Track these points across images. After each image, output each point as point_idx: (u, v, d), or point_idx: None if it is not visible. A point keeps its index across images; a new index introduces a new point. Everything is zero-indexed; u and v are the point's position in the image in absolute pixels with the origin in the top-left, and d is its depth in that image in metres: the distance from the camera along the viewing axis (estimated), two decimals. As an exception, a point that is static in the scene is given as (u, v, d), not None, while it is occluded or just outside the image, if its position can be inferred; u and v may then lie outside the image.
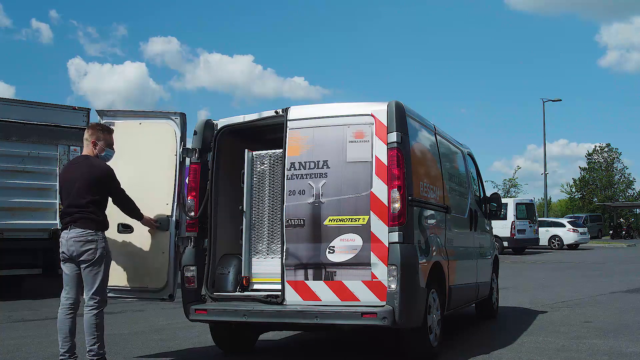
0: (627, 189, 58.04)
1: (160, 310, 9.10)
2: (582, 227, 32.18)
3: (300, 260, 5.20)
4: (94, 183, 5.09)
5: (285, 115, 5.48)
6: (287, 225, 5.24)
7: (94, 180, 5.09)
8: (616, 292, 11.30)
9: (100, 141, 5.30)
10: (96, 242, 5.04)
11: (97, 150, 5.29)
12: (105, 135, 5.34)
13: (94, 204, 5.10)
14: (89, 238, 5.02)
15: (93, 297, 5.06)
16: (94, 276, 5.05)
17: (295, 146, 5.38)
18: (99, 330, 5.12)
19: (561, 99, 44.89)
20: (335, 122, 5.35)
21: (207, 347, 6.23)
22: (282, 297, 5.21)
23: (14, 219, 10.77)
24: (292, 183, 5.31)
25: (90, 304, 5.07)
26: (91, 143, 5.29)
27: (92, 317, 5.08)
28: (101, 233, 5.12)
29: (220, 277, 5.68)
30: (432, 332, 5.47)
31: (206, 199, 5.66)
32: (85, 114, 11.80)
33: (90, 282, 5.06)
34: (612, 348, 5.97)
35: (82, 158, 5.33)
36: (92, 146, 5.29)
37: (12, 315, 8.97)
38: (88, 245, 5.02)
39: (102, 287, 5.10)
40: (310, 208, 5.22)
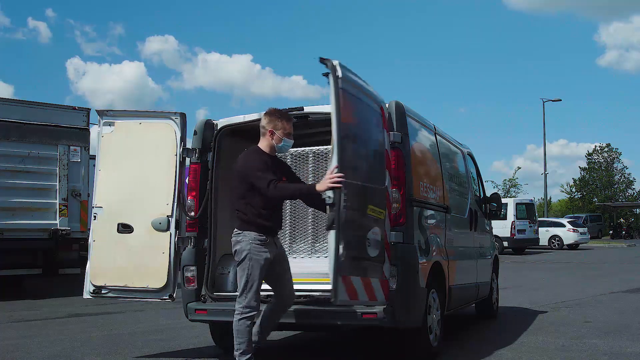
0: (627, 189, 58.07)
1: (160, 310, 9.10)
2: (582, 227, 32.19)
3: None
4: (239, 178, 4.69)
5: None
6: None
7: (239, 174, 4.69)
8: (616, 292, 11.30)
9: (278, 130, 4.77)
10: (241, 242, 4.65)
11: (274, 141, 4.77)
12: (284, 123, 4.79)
13: (242, 200, 4.69)
14: (237, 238, 4.67)
15: (238, 301, 4.63)
16: (239, 279, 4.66)
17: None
18: (241, 337, 4.61)
19: (561, 99, 44.92)
20: None
21: (207, 347, 6.23)
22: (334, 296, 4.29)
23: (14, 219, 10.77)
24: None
25: (236, 307, 4.64)
26: (268, 132, 4.78)
27: (235, 322, 4.64)
28: (249, 233, 4.62)
29: (220, 277, 5.67)
30: (432, 332, 5.47)
31: (206, 199, 5.66)
32: (85, 114, 11.80)
33: (238, 284, 4.68)
34: (612, 348, 5.97)
35: (246, 150, 4.87)
36: (269, 135, 4.77)
37: (12, 315, 8.97)
38: (235, 246, 4.67)
39: (246, 291, 4.59)
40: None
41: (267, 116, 4.80)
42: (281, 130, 4.74)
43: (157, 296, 5.64)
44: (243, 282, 4.58)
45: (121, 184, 5.75)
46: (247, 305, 4.57)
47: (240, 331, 4.58)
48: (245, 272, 4.57)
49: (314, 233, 5.46)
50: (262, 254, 4.60)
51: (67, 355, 5.99)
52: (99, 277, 5.71)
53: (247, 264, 4.57)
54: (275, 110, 4.86)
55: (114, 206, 5.72)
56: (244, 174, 4.65)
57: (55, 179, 11.20)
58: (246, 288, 4.57)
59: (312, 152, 5.52)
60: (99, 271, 5.72)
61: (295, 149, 5.62)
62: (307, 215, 5.49)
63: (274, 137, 4.75)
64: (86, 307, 9.51)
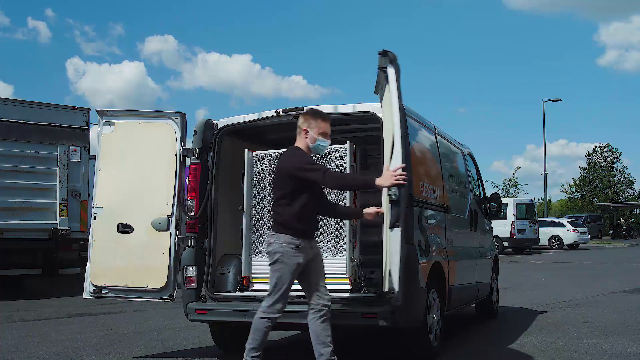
0: (627, 189, 58.01)
1: (160, 310, 9.09)
2: (582, 227, 32.19)
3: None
4: (286, 176, 4.46)
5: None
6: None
7: (285, 173, 4.47)
8: (616, 292, 11.30)
9: (312, 129, 4.55)
10: (274, 244, 4.46)
11: (308, 140, 4.55)
12: (319, 122, 4.56)
13: (282, 200, 4.50)
14: (270, 240, 4.50)
15: (266, 300, 4.48)
16: (270, 279, 4.48)
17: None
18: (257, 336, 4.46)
19: (561, 99, 44.89)
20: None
21: (207, 347, 6.23)
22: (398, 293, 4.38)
23: (14, 219, 10.77)
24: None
25: (262, 305, 4.49)
26: (303, 131, 4.57)
27: (256, 319, 4.48)
28: (283, 236, 4.44)
29: (220, 277, 5.68)
30: (432, 332, 5.47)
31: (206, 199, 5.66)
32: (85, 114, 11.81)
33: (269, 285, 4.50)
34: (612, 348, 5.97)
35: (286, 150, 4.69)
36: (304, 135, 4.57)
37: (12, 315, 8.97)
38: (269, 247, 4.51)
39: (274, 292, 4.42)
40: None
41: (302, 115, 4.65)
42: (315, 129, 4.53)
43: (157, 296, 5.63)
44: (273, 284, 4.45)
45: (121, 184, 5.75)
46: (272, 305, 4.43)
47: (257, 329, 4.46)
48: (275, 275, 4.43)
49: None
50: (294, 258, 4.43)
51: (67, 355, 5.99)
52: (99, 277, 5.71)
53: (279, 266, 4.43)
54: (311, 109, 4.74)
55: (114, 206, 5.71)
56: (291, 170, 4.42)
57: (55, 179, 11.21)
58: (274, 290, 4.43)
59: None
60: (99, 271, 5.72)
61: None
62: None
63: (308, 136, 4.54)
64: (86, 307, 9.51)
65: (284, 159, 4.54)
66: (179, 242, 5.56)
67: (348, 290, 5.17)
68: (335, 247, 5.33)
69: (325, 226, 5.42)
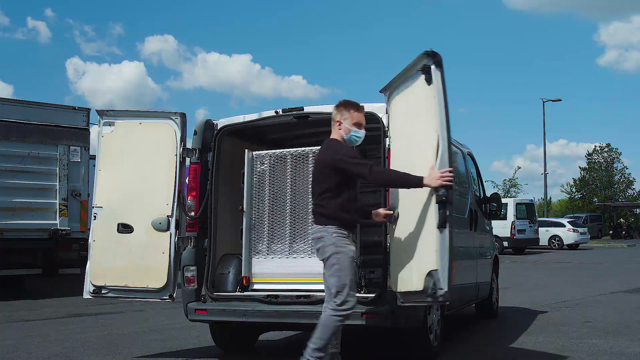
0: (627, 189, 58.01)
1: (160, 310, 9.10)
2: (582, 227, 32.19)
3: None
4: (329, 169, 4.36)
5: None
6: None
7: (328, 166, 4.37)
8: (616, 292, 11.30)
9: (345, 120, 4.48)
10: (324, 238, 4.32)
11: (342, 131, 4.48)
12: (352, 112, 4.48)
13: (326, 194, 4.39)
14: (318, 234, 4.37)
15: (334, 301, 4.26)
16: (328, 277, 4.32)
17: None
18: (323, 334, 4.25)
19: (561, 99, 44.88)
20: None
21: (207, 347, 6.23)
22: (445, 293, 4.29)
23: (14, 219, 10.78)
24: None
25: (329, 307, 4.29)
26: (336, 123, 4.50)
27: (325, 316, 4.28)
28: (331, 227, 4.32)
29: (220, 277, 5.67)
30: (432, 332, 5.47)
31: (206, 199, 5.66)
32: (85, 114, 11.82)
33: (326, 285, 4.35)
34: (612, 348, 5.97)
35: (324, 142, 4.57)
36: (338, 126, 4.49)
37: (12, 315, 8.97)
38: (317, 243, 4.37)
39: (340, 288, 4.23)
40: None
41: (335, 107, 4.56)
42: (349, 119, 4.45)
43: (157, 296, 5.63)
44: (335, 280, 4.24)
45: (121, 184, 5.75)
46: (343, 302, 4.21)
47: (327, 326, 4.23)
48: (334, 269, 4.25)
49: None
50: (348, 246, 4.33)
51: (67, 355, 5.99)
52: (99, 277, 5.71)
53: (336, 259, 4.26)
54: (344, 100, 4.60)
55: (114, 206, 5.71)
56: (334, 163, 4.33)
57: (55, 179, 11.21)
58: (339, 284, 4.22)
59: (312, 152, 5.51)
60: (99, 271, 5.72)
61: (295, 149, 5.62)
62: (307, 215, 5.48)
63: (342, 127, 4.47)
64: (86, 307, 9.51)
65: (326, 151, 4.44)
66: (179, 242, 5.56)
67: None
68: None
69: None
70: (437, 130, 4.19)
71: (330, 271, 4.28)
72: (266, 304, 5.23)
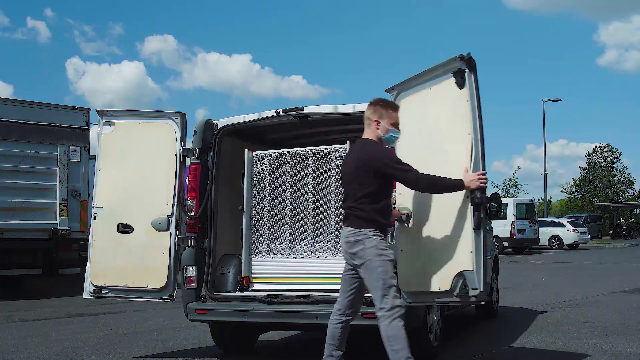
0: (627, 189, 57.97)
1: (160, 310, 9.10)
2: (582, 227, 32.18)
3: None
4: (370, 171, 4.22)
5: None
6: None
7: (370, 168, 4.23)
8: (616, 292, 11.30)
9: (383, 120, 4.37)
10: (363, 242, 4.20)
11: (380, 131, 4.36)
12: (390, 112, 4.40)
13: (364, 197, 4.24)
14: (356, 238, 4.22)
15: (381, 307, 4.14)
16: (371, 281, 4.18)
17: None
18: (397, 343, 4.09)
19: (561, 99, 44.83)
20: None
21: (207, 347, 6.23)
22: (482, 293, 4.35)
23: (14, 219, 10.78)
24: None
25: (379, 314, 4.14)
26: (374, 122, 4.37)
27: (384, 328, 4.12)
28: (369, 230, 4.20)
29: (220, 277, 5.68)
30: (432, 332, 5.47)
31: (206, 199, 5.66)
32: (85, 114, 11.82)
33: (372, 289, 4.22)
34: (612, 348, 5.96)
35: (359, 142, 4.44)
36: (375, 126, 4.37)
37: (12, 315, 8.97)
38: (355, 246, 4.22)
39: (386, 291, 4.12)
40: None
41: (371, 106, 4.42)
42: (387, 119, 4.36)
43: (157, 296, 5.63)
44: (380, 284, 4.11)
45: (121, 184, 5.75)
46: (393, 305, 4.10)
47: (395, 336, 4.08)
48: (376, 272, 4.13)
49: (314, 233, 5.46)
50: (388, 249, 4.26)
51: (67, 355, 5.99)
52: (99, 277, 5.71)
53: (377, 263, 4.14)
54: (380, 99, 4.49)
55: (114, 206, 5.71)
56: (378, 167, 4.21)
57: (55, 179, 11.22)
58: (385, 288, 4.11)
59: (312, 152, 5.52)
60: (99, 271, 5.71)
61: (295, 149, 5.63)
62: (307, 215, 5.49)
63: (380, 127, 4.35)
64: (86, 307, 9.51)
65: (365, 152, 4.29)
66: (179, 242, 5.56)
67: None
68: (335, 247, 5.33)
69: (325, 226, 5.43)
70: (470, 133, 4.24)
71: (374, 275, 4.14)
72: (266, 304, 5.23)
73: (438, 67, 4.51)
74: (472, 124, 4.25)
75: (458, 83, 4.34)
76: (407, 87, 4.81)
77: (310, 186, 5.49)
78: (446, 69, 4.43)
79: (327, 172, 5.46)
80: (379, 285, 4.12)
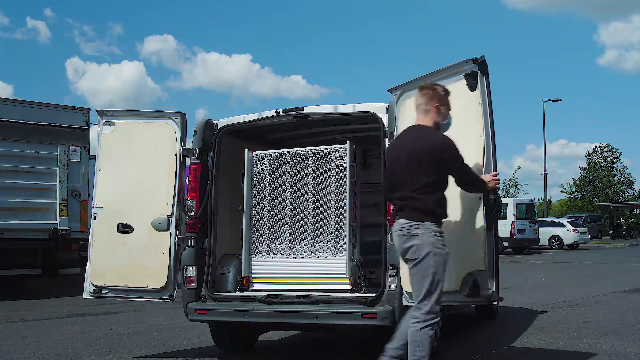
0: (627, 189, 57.97)
1: (160, 310, 9.09)
2: (582, 227, 32.18)
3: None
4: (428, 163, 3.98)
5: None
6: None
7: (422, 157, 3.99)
8: (616, 292, 11.29)
9: (443, 105, 4.16)
10: (421, 236, 3.93)
11: (440, 118, 4.14)
12: (447, 97, 4.20)
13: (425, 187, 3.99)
14: (413, 231, 3.95)
15: (418, 307, 3.94)
16: (418, 279, 3.95)
17: None
18: (421, 349, 3.89)
19: (561, 99, 44.86)
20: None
21: (207, 347, 6.22)
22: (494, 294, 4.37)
23: (14, 219, 10.78)
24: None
25: (414, 315, 3.96)
26: (434, 108, 4.12)
27: (414, 332, 3.92)
28: (428, 224, 3.94)
29: (220, 277, 5.68)
30: (432, 332, 5.45)
31: (206, 199, 5.66)
32: (85, 114, 11.82)
33: (415, 287, 4.01)
34: (612, 348, 5.96)
35: (415, 129, 4.15)
36: (435, 112, 4.13)
37: (12, 315, 8.97)
38: (411, 240, 3.96)
39: (431, 293, 3.90)
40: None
41: (426, 90, 4.17)
42: (446, 105, 4.18)
43: (157, 296, 5.63)
44: (427, 283, 3.89)
45: (121, 184, 5.75)
46: (431, 310, 3.90)
47: (421, 342, 3.87)
48: (429, 271, 3.88)
49: (314, 233, 5.46)
50: (444, 248, 3.97)
51: (67, 355, 5.99)
52: (99, 277, 5.71)
53: (432, 261, 3.88)
54: (432, 83, 4.26)
55: (114, 206, 5.71)
56: (443, 157, 3.99)
57: (55, 179, 11.21)
58: (431, 290, 3.88)
59: (312, 152, 5.52)
60: (99, 271, 5.72)
61: (295, 149, 5.63)
62: (307, 215, 5.49)
63: (441, 113, 4.13)
64: (86, 307, 9.51)
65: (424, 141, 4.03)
66: (179, 242, 5.56)
67: (348, 290, 5.17)
68: (335, 247, 5.33)
69: (325, 226, 5.43)
70: (482, 135, 4.26)
71: (424, 273, 3.91)
72: (266, 304, 5.23)
73: (447, 69, 4.51)
74: (484, 126, 4.27)
75: (470, 85, 4.33)
76: (412, 87, 4.81)
77: (310, 186, 5.48)
78: (456, 71, 4.44)
79: (327, 172, 5.46)
80: (425, 285, 3.90)
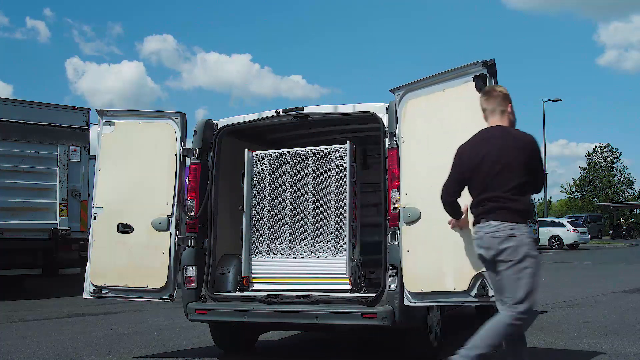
0: (627, 189, 58.08)
1: (160, 310, 9.10)
2: (582, 227, 32.21)
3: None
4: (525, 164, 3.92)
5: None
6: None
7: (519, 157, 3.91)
8: (616, 292, 11.29)
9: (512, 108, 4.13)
10: (519, 237, 3.85)
11: (514, 118, 4.12)
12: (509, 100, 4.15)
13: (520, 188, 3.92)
14: (511, 232, 3.85)
15: (515, 307, 3.85)
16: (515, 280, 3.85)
17: None
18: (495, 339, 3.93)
19: (561, 99, 44.86)
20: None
21: (207, 347, 6.23)
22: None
23: (14, 219, 10.79)
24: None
25: (505, 311, 3.93)
26: (509, 111, 4.08)
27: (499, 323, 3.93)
28: (525, 227, 3.90)
29: (220, 277, 5.68)
30: (432, 332, 5.47)
31: (206, 199, 5.66)
32: (85, 114, 11.83)
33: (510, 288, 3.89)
34: (612, 348, 5.96)
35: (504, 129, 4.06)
36: (509, 113, 4.08)
37: (12, 315, 8.97)
38: (508, 242, 3.85)
39: (529, 295, 3.82)
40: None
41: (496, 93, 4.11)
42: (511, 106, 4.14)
43: (157, 296, 5.63)
44: (524, 286, 3.81)
45: (121, 184, 5.75)
46: (527, 311, 3.85)
47: (499, 334, 3.90)
48: (524, 273, 3.81)
49: (314, 233, 5.46)
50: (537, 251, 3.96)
51: (67, 355, 5.99)
52: (99, 277, 5.71)
53: (530, 263, 3.83)
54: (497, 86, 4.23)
55: (114, 206, 5.72)
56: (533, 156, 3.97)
57: (55, 179, 11.22)
58: (528, 293, 3.81)
59: (312, 152, 5.52)
60: (99, 271, 5.72)
61: (295, 149, 5.63)
62: (307, 215, 5.49)
63: (513, 114, 4.10)
64: (86, 307, 9.51)
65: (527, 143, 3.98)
66: (179, 242, 5.56)
67: (348, 290, 5.17)
68: (335, 247, 5.33)
69: (325, 226, 5.43)
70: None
71: (520, 274, 3.82)
72: (266, 304, 5.23)
73: (455, 70, 4.51)
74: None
75: (478, 88, 4.33)
76: (415, 88, 4.80)
77: (310, 186, 5.48)
78: (465, 73, 4.44)
79: (327, 172, 5.46)
80: (522, 287, 3.82)
